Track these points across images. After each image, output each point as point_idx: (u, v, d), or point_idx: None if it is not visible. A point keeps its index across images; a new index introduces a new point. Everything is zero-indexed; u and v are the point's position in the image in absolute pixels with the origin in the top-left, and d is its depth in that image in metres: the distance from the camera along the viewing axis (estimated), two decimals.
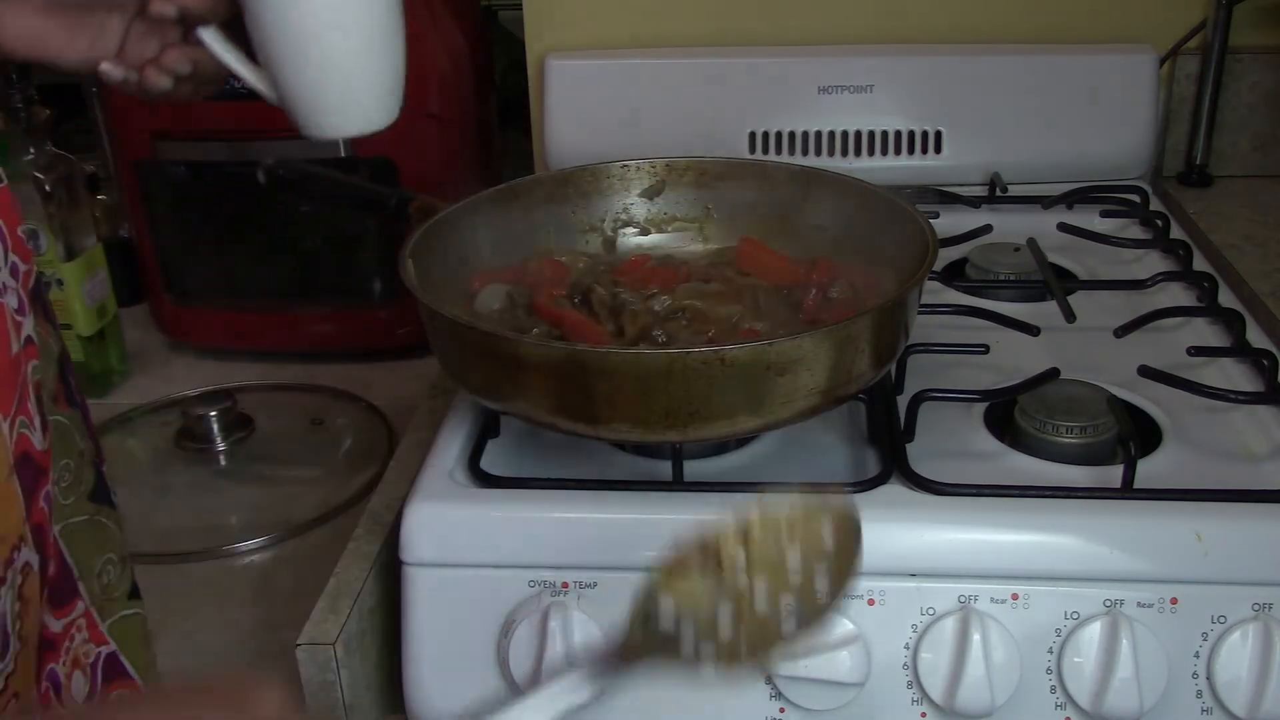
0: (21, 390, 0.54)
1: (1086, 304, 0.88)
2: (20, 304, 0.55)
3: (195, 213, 1.21)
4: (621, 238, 0.91)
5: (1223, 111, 1.19)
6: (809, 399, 0.68)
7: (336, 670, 0.70)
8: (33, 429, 0.54)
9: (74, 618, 0.62)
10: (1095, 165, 1.14)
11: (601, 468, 0.76)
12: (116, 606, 0.65)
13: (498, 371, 0.69)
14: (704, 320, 0.79)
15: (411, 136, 1.11)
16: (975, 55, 1.15)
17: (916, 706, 0.68)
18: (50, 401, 0.60)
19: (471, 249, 0.84)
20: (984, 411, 0.79)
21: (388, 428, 1.08)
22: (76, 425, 0.63)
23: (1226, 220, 1.10)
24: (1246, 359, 0.83)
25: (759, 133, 1.16)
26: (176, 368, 1.22)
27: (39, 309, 0.59)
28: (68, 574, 0.61)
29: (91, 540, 0.63)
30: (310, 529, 0.95)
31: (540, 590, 0.69)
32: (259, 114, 0.71)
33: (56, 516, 0.60)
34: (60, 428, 0.61)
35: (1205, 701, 0.67)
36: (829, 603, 0.50)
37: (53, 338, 0.61)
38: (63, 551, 0.61)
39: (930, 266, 0.73)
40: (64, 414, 0.62)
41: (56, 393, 0.61)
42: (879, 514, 0.69)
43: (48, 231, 1.08)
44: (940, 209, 1.07)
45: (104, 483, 0.65)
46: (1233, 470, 0.73)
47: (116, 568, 0.65)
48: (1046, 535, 0.67)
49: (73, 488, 0.62)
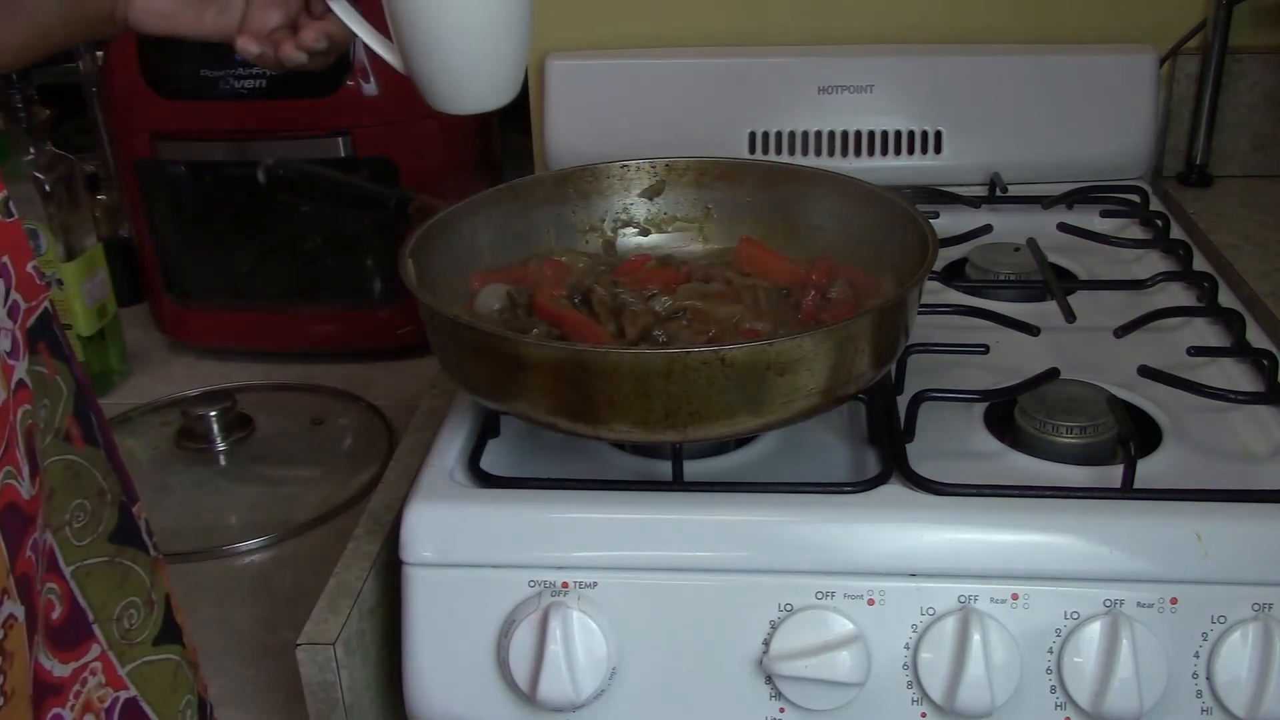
0: (9, 438, 0.52)
1: (1086, 304, 0.88)
2: (15, 347, 0.54)
3: (195, 213, 1.21)
4: (621, 238, 0.91)
5: (1223, 111, 1.19)
6: (809, 399, 0.68)
7: (336, 670, 0.70)
8: (20, 479, 0.53)
9: (87, 661, 0.60)
10: (1095, 165, 1.14)
11: (601, 468, 0.76)
12: (139, 651, 0.63)
13: (498, 371, 0.69)
14: (705, 320, 0.79)
15: (411, 136, 1.12)
16: (975, 55, 1.15)
17: (916, 706, 0.68)
18: (61, 441, 0.59)
19: (471, 249, 0.84)
20: (984, 411, 0.79)
21: (388, 428, 1.08)
22: (98, 464, 0.61)
23: (1226, 220, 1.10)
24: (1246, 359, 0.83)
25: (759, 133, 1.16)
26: (176, 368, 1.23)
27: (46, 346, 0.58)
28: (81, 617, 0.60)
29: (110, 582, 0.62)
30: (310, 529, 0.95)
31: (540, 590, 0.69)
32: (259, 114, 0.71)
33: (70, 558, 0.59)
34: (74, 467, 0.60)
35: (1205, 701, 0.67)
36: None
37: (63, 375, 0.59)
38: (75, 593, 0.59)
39: (930, 266, 0.73)
40: (79, 452, 0.60)
41: (70, 432, 0.60)
42: (879, 514, 0.69)
43: (48, 231, 1.08)
44: (940, 209, 1.07)
45: (132, 523, 0.64)
46: (1233, 470, 0.73)
47: (140, 611, 0.63)
48: (1046, 535, 0.67)
49: (89, 528, 0.61)
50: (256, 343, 1.23)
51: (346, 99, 1.10)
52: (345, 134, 1.10)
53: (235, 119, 1.10)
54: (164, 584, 0.66)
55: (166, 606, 0.66)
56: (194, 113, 1.11)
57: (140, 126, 1.13)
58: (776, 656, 0.67)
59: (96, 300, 1.14)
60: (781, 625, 0.67)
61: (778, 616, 0.68)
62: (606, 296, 0.80)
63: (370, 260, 1.21)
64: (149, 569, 0.65)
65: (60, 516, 0.59)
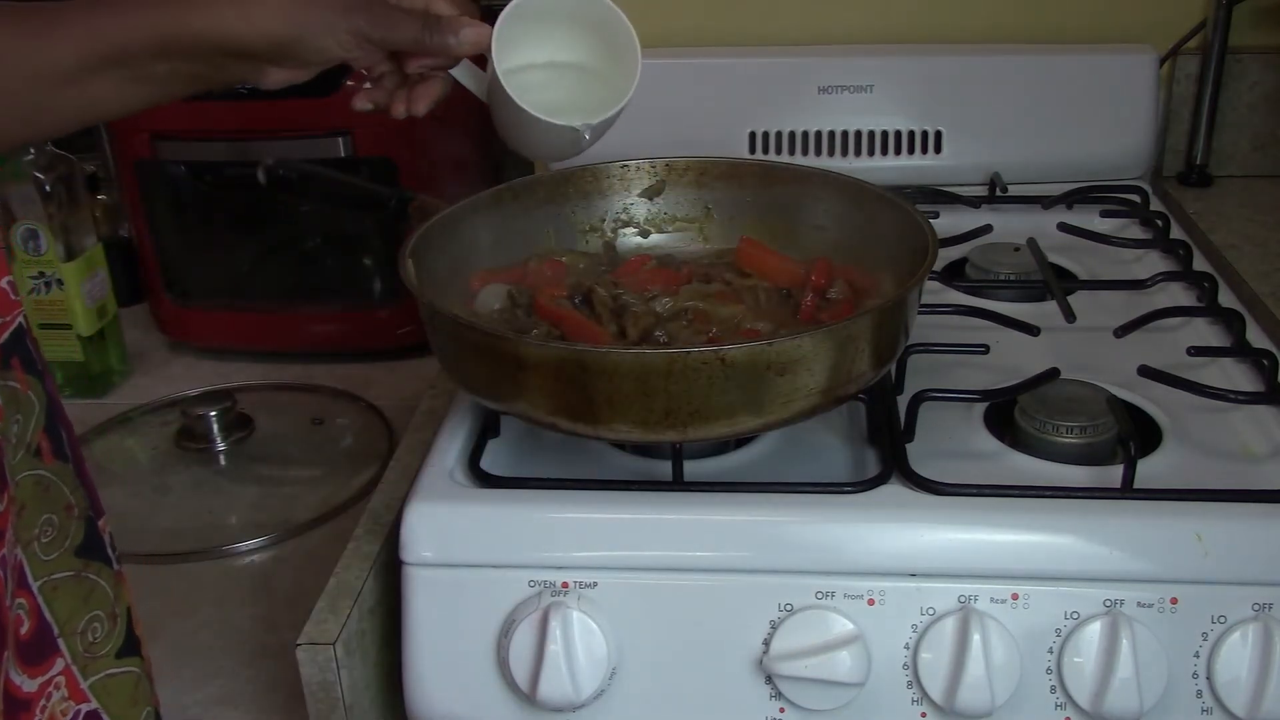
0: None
1: (1086, 304, 0.88)
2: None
3: (195, 213, 1.21)
4: (621, 238, 0.91)
5: (1223, 111, 1.19)
6: (809, 399, 0.68)
7: (336, 670, 0.70)
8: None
9: (52, 675, 0.60)
10: (1095, 165, 1.14)
11: (601, 468, 0.76)
12: (102, 664, 0.64)
13: (498, 371, 0.69)
14: (706, 321, 0.79)
15: (411, 136, 1.11)
16: (975, 55, 1.15)
17: (916, 706, 0.68)
18: (32, 456, 0.59)
19: (471, 249, 0.84)
20: (984, 411, 0.79)
21: (388, 428, 1.08)
22: (66, 479, 0.61)
23: (1226, 220, 1.10)
24: (1246, 359, 0.83)
25: (759, 133, 1.16)
26: (176, 368, 1.22)
27: (20, 362, 0.58)
28: (46, 631, 0.60)
29: (75, 597, 0.62)
30: (310, 529, 0.95)
31: (540, 590, 0.69)
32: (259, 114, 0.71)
33: (38, 572, 0.59)
34: (44, 482, 0.60)
35: (1205, 701, 0.67)
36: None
37: (35, 390, 0.59)
38: (41, 608, 0.60)
39: (930, 266, 0.73)
40: (49, 468, 0.60)
41: (41, 447, 0.60)
42: (879, 514, 0.69)
43: (48, 231, 1.08)
44: (940, 209, 1.07)
45: (98, 537, 0.64)
46: (1233, 470, 0.73)
47: (104, 625, 0.64)
48: (1046, 535, 0.67)
49: (56, 542, 0.61)
50: (256, 343, 1.23)
51: (347, 99, 1.09)
52: (345, 134, 1.10)
53: (235, 119, 1.10)
54: (125, 597, 0.66)
55: (128, 619, 0.66)
56: (194, 113, 1.10)
57: (140, 126, 1.13)
58: (776, 656, 0.67)
59: (96, 300, 1.14)
60: (781, 625, 0.67)
61: (778, 616, 0.68)
62: (607, 298, 0.80)
63: (370, 260, 1.21)
64: (112, 582, 0.65)
65: (30, 531, 0.59)
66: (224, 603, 0.88)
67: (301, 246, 1.21)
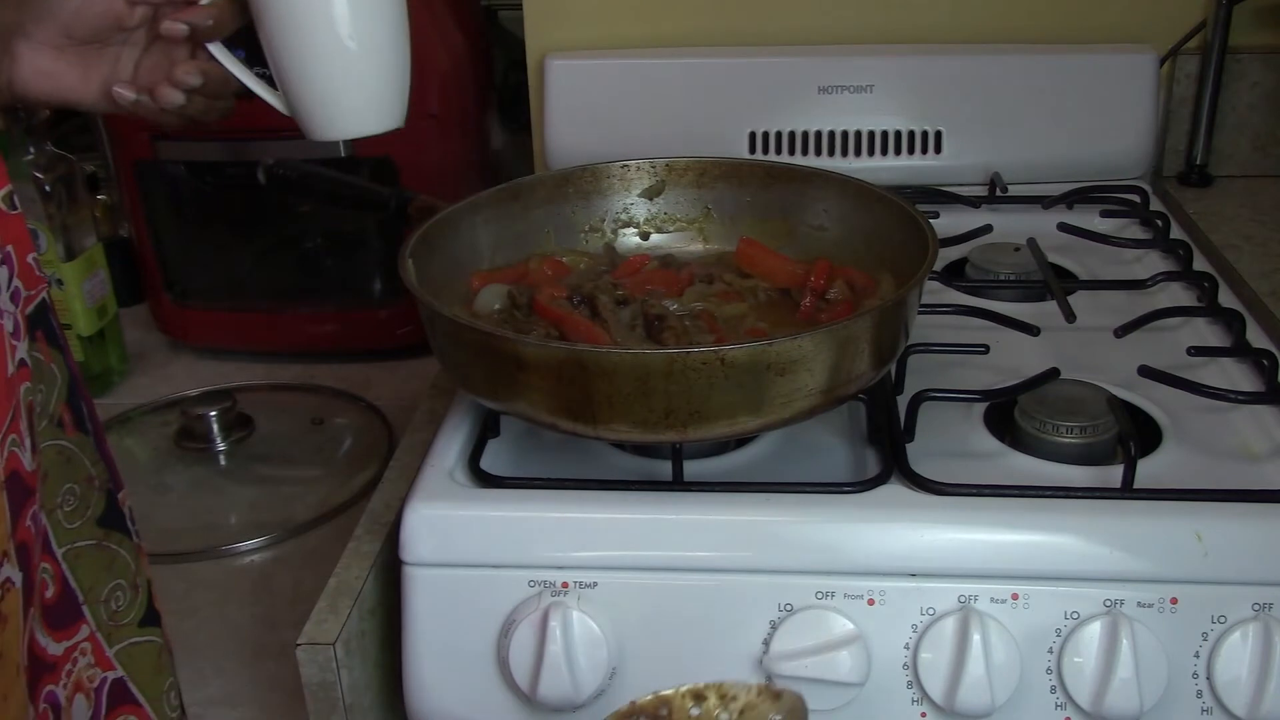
0: (15, 409, 0.54)
1: (1086, 304, 0.88)
2: (16, 328, 0.55)
3: (195, 213, 1.21)
4: (621, 238, 0.91)
5: (1223, 111, 1.19)
6: (809, 399, 0.68)
7: (336, 670, 0.70)
8: (22, 448, 0.55)
9: (77, 641, 0.62)
10: (1095, 165, 1.14)
11: (601, 468, 0.76)
12: (125, 633, 0.65)
13: (498, 371, 0.69)
14: (711, 320, 0.79)
15: (411, 136, 1.11)
16: (975, 55, 1.15)
17: (916, 706, 0.68)
18: (55, 426, 0.60)
19: (471, 249, 0.84)
20: (984, 411, 0.79)
21: (388, 428, 1.08)
22: (88, 450, 0.63)
23: (1226, 220, 1.10)
24: (1246, 359, 0.83)
25: (759, 133, 1.16)
26: (176, 368, 1.23)
27: (44, 335, 0.59)
28: (71, 597, 0.61)
29: (99, 565, 0.63)
30: (310, 529, 0.95)
31: (540, 590, 0.69)
32: (259, 114, 0.71)
33: (61, 540, 0.61)
34: (66, 453, 0.61)
35: (1205, 701, 0.67)
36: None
37: (58, 363, 0.61)
38: (65, 574, 0.61)
39: (930, 266, 0.73)
40: (71, 439, 0.62)
41: (64, 418, 0.61)
42: (879, 514, 0.69)
43: (48, 231, 1.08)
44: (940, 209, 1.07)
45: (118, 509, 0.65)
46: (1233, 470, 0.73)
47: (127, 594, 0.65)
48: (1046, 535, 0.67)
49: (78, 511, 0.62)
50: (256, 343, 1.23)
51: None
52: None
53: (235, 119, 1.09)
54: (145, 570, 0.67)
55: (149, 592, 0.67)
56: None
57: (140, 126, 1.13)
58: (776, 656, 0.67)
59: (96, 300, 1.14)
60: (781, 625, 0.68)
61: (778, 616, 0.68)
62: (609, 301, 0.80)
63: (370, 260, 1.21)
64: (133, 554, 0.66)
65: (53, 499, 0.60)
66: (224, 603, 0.88)
67: (301, 246, 1.21)
